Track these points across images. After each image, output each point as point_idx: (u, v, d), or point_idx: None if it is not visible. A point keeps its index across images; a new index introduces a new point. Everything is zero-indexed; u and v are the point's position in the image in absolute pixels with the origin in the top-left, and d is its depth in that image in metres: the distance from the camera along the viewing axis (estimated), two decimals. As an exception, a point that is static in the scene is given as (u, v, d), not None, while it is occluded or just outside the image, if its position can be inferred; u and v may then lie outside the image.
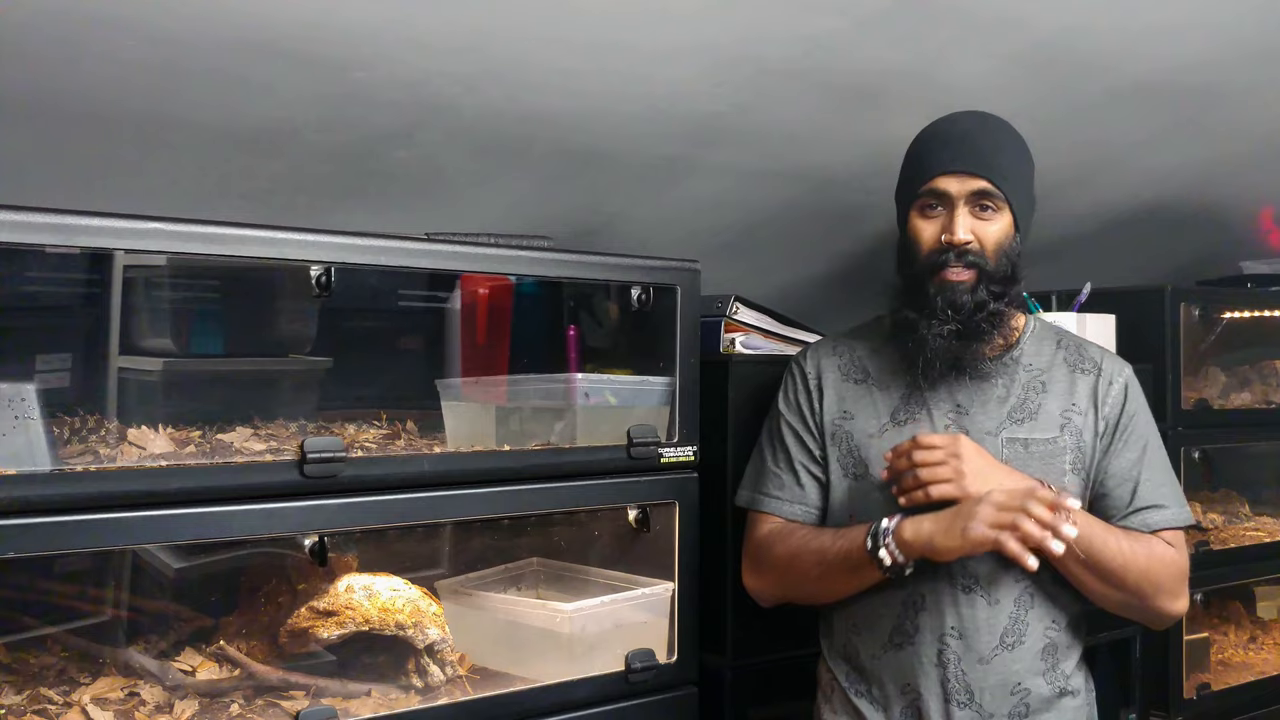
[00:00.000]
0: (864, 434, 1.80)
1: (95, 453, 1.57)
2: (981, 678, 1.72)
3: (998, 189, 1.73)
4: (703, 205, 2.48)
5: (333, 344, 1.97)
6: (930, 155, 1.77)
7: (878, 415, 1.80)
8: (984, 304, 1.73)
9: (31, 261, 1.56)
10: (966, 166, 1.73)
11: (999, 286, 1.74)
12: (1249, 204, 3.24)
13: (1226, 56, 2.37)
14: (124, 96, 1.74)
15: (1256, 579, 3.10)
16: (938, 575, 1.72)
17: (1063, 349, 1.85)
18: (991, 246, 1.74)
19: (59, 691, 1.60)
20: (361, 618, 1.74)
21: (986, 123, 1.79)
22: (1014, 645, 1.73)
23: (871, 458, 1.78)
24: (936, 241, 1.74)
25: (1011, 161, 1.77)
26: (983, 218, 1.74)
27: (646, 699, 1.94)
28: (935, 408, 1.78)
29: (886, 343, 1.85)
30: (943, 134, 1.79)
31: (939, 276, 1.73)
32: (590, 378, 2.00)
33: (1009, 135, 1.80)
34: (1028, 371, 1.81)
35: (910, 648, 1.74)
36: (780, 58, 2.06)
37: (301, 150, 1.97)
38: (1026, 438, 1.76)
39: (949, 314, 1.72)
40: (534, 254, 1.89)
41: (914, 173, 1.79)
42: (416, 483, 1.73)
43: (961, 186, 1.73)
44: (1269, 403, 3.07)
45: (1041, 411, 1.78)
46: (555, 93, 2.00)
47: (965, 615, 1.72)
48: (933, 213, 1.76)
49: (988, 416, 1.77)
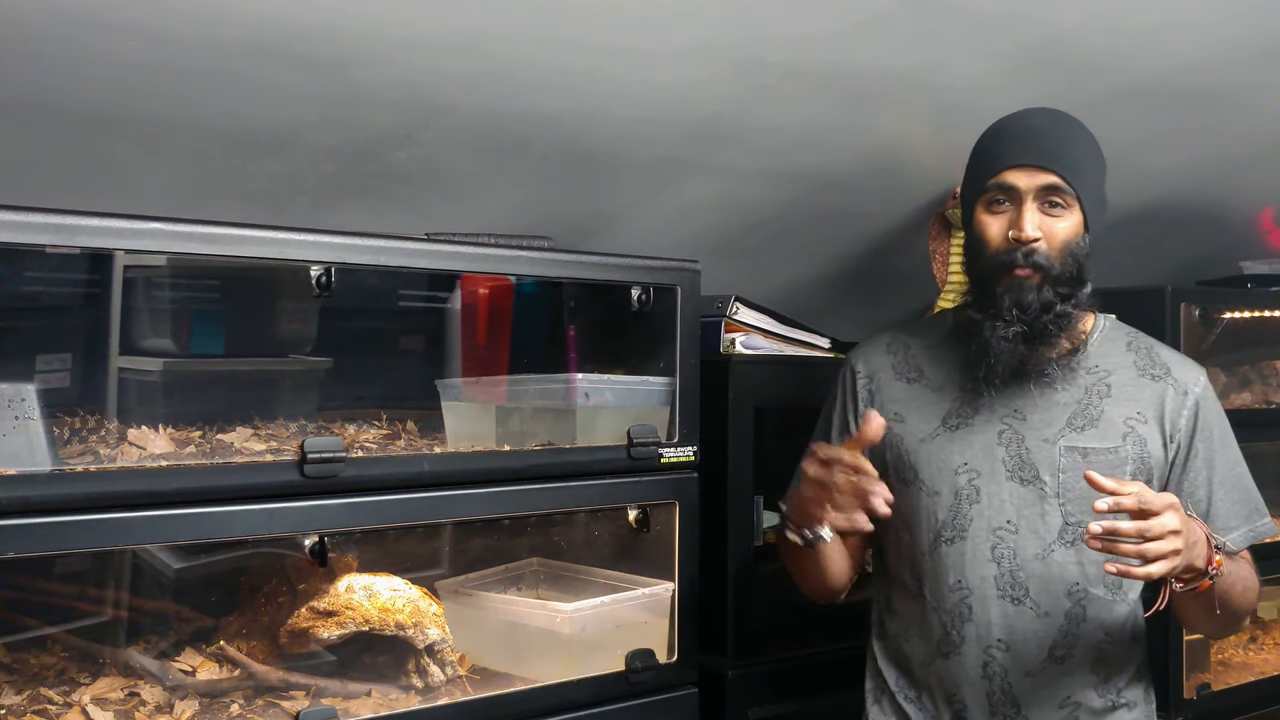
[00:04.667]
0: (915, 438, 1.74)
1: (95, 453, 1.57)
2: (1029, 690, 1.67)
3: (1068, 184, 1.65)
4: (703, 205, 2.48)
5: (333, 344, 1.97)
6: (999, 148, 1.69)
7: (929, 418, 1.74)
8: (1050, 305, 1.65)
9: (31, 261, 1.56)
10: (1036, 160, 1.65)
11: (1066, 288, 1.66)
12: (1249, 204, 3.24)
13: (1226, 57, 2.37)
14: (124, 96, 1.74)
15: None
16: (985, 586, 1.67)
17: (1133, 351, 1.78)
18: (1059, 245, 1.66)
19: (59, 691, 1.60)
20: (361, 618, 1.74)
21: (1059, 117, 1.72)
22: (1063, 658, 1.67)
23: (921, 462, 1.72)
24: (1004, 238, 1.67)
25: (1084, 157, 1.70)
26: (1052, 214, 1.66)
27: (646, 699, 1.94)
28: (991, 412, 1.71)
29: (945, 340, 1.79)
30: (1012, 127, 1.72)
31: (1007, 275, 1.66)
32: (590, 378, 2.00)
33: (1081, 131, 1.72)
34: (1091, 374, 1.74)
35: (956, 657, 1.69)
36: (780, 58, 2.05)
37: (301, 150, 1.96)
38: (1086, 447, 1.68)
39: (1015, 314, 1.64)
40: (534, 254, 1.89)
41: (981, 166, 1.71)
42: (416, 483, 1.73)
43: (1030, 181, 1.65)
44: (1269, 403, 3.07)
45: (1103, 418, 1.71)
46: (555, 93, 2.00)
47: (1013, 627, 1.67)
48: (1000, 208, 1.68)
49: (1046, 423, 1.70)
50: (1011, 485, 1.68)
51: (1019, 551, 1.67)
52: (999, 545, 1.67)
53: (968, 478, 1.70)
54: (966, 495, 1.69)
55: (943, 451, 1.71)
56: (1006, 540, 1.67)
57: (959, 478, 1.70)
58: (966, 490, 1.69)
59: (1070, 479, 1.67)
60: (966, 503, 1.69)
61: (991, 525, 1.68)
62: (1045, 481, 1.68)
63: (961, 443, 1.71)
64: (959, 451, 1.71)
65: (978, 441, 1.71)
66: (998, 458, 1.70)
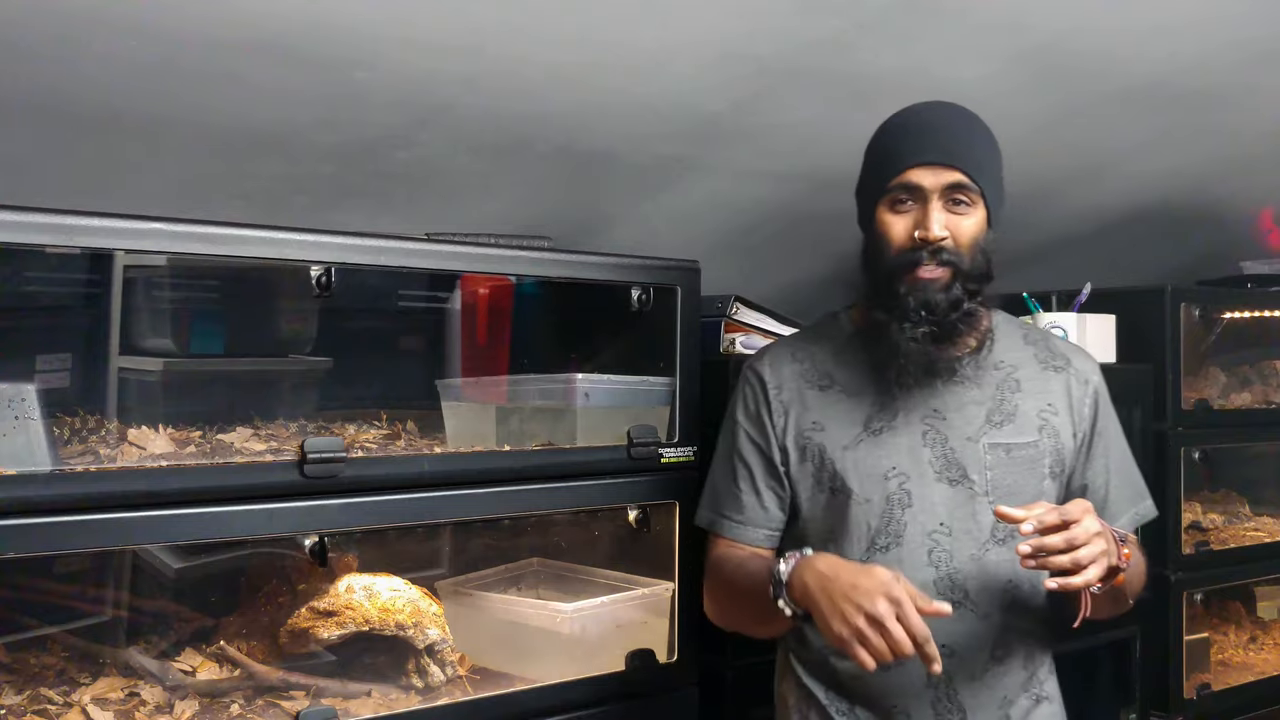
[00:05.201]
0: (838, 445, 1.67)
1: (95, 453, 1.57)
2: (973, 694, 1.64)
3: (973, 181, 1.63)
4: (703, 205, 2.48)
5: (333, 344, 1.97)
6: (899, 146, 1.65)
7: (850, 425, 1.68)
8: (959, 303, 1.63)
9: (31, 261, 1.56)
10: (940, 158, 1.62)
11: (975, 284, 1.64)
12: (1249, 204, 3.24)
13: (1226, 58, 2.37)
14: (124, 96, 1.74)
15: (1256, 579, 3.10)
16: (926, 591, 1.59)
17: (1031, 344, 1.77)
18: (967, 242, 1.63)
19: (59, 691, 1.60)
20: (361, 618, 1.74)
21: (958, 113, 1.70)
22: (1003, 658, 1.66)
23: (847, 470, 1.67)
24: (909, 238, 1.63)
25: (985, 153, 1.68)
26: (957, 212, 1.63)
27: (646, 699, 1.94)
28: (911, 413, 1.68)
29: (848, 344, 1.75)
30: (913, 124, 1.68)
31: (911, 275, 1.63)
32: (590, 378, 2.00)
33: (980, 126, 1.70)
34: (999, 370, 1.72)
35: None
36: (780, 58, 2.05)
37: (301, 150, 1.97)
38: (1008, 443, 1.67)
39: (922, 315, 1.61)
40: (534, 254, 1.89)
41: (882, 165, 1.66)
42: (416, 483, 1.73)
43: (935, 179, 1.62)
44: (1269, 403, 3.07)
45: (1019, 413, 1.69)
46: (555, 93, 2.00)
47: (956, 631, 1.63)
48: (904, 207, 1.64)
49: (966, 421, 1.68)
50: (941, 486, 1.66)
51: (955, 554, 1.64)
52: (935, 549, 1.64)
53: (898, 482, 1.66)
54: (898, 500, 1.65)
55: (869, 457, 1.66)
56: (942, 544, 1.64)
57: (889, 483, 1.65)
58: (898, 495, 1.65)
59: (997, 476, 1.66)
60: (899, 508, 1.65)
61: (926, 529, 1.64)
62: (973, 480, 1.66)
63: (887, 446, 1.67)
64: (886, 456, 1.66)
65: (903, 444, 1.67)
66: (924, 459, 1.66)
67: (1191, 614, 2.81)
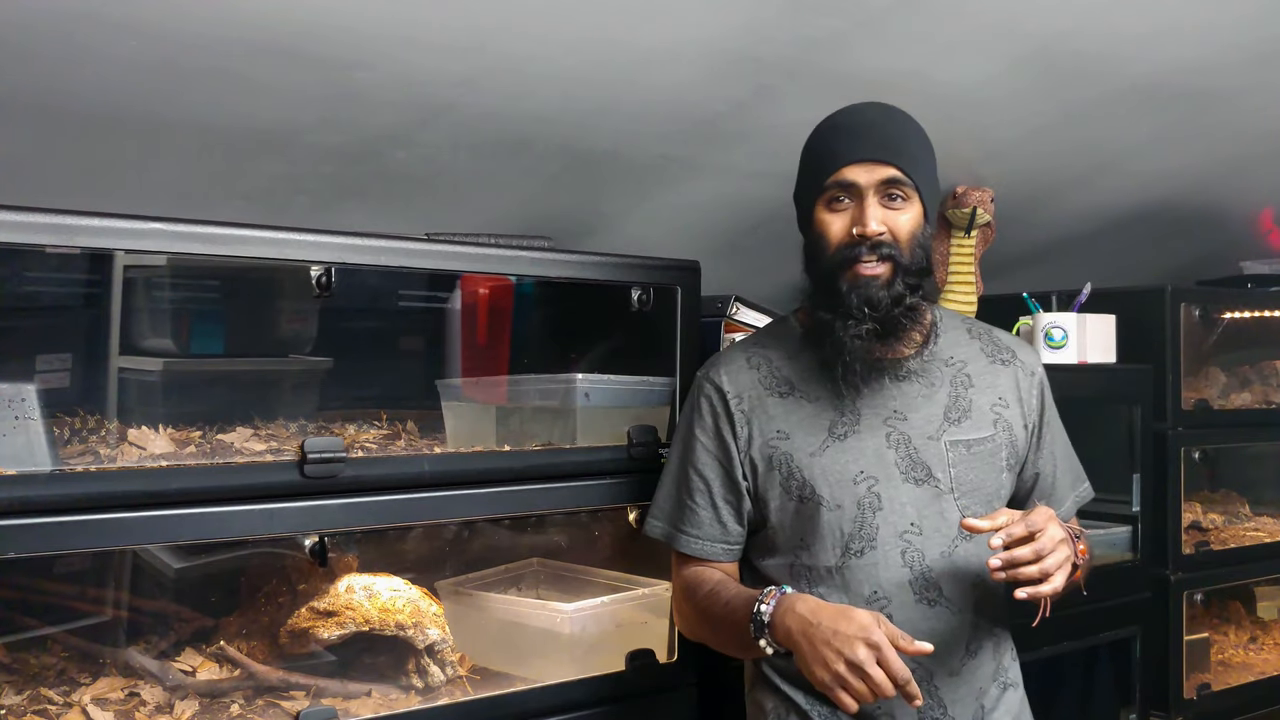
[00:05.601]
0: (805, 453, 1.67)
1: (95, 453, 1.57)
2: (952, 689, 1.66)
3: (908, 177, 1.64)
4: (703, 205, 2.48)
5: (333, 344, 1.97)
6: (835, 146, 1.67)
7: (815, 431, 1.68)
8: (901, 298, 1.64)
9: (31, 261, 1.56)
10: (874, 154, 1.64)
11: (914, 279, 1.66)
12: (1249, 204, 3.24)
13: (1226, 58, 2.37)
14: (124, 96, 1.74)
15: (1256, 579, 3.10)
16: (903, 592, 1.64)
17: (976, 338, 1.79)
18: (905, 236, 1.65)
19: (59, 691, 1.60)
20: (361, 618, 1.74)
21: (890, 111, 1.72)
22: (976, 651, 1.69)
23: (816, 477, 1.66)
24: (847, 234, 1.64)
25: (918, 149, 1.70)
26: (893, 207, 1.65)
27: (646, 699, 1.94)
28: (874, 416, 1.69)
29: (803, 348, 1.74)
30: (845, 124, 1.69)
31: (851, 271, 1.63)
32: (590, 378, 2.00)
33: (913, 124, 1.72)
34: (950, 366, 1.73)
35: None
36: (780, 58, 2.05)
37: (301, 150, 1.97)
38: (968, 439, 1.69)
39: (865, 312, 1.63)
40: (534, 254, 1.89)
41: (818, 165, 1.68)
42: (417, 483, 1.73)
43: (870, 176, 1.64)
44: (1269, 403, 3.07)
45: (974, 408, 1.71)
46: (555, 92, 2.00)
47: (934, 630, 1.64)
48: (840, 205, 1.65)
49: (926, 420, 1.69)
50: (908, 487, 1.67)
51: (926, 553, 1.65)
52: (908, 550, 1.65)
53: (867, 485, 1.66)
54: (869, 504, 1.66)
55: (837, 463, 1.67)
56: (914, 544, 1.66)
57: (858, 487, 1.66)
58: (868, 499, 1.66)
59: (961, 473, 1.68)
60: (870, 511, 1.66)
61: (897, 530, 1.65)
62: (939, 479, 1.67)
63: (853, 451, 1.67)
64: (853, 460, 1.67)
65: (868, 447, 1.68)
66: (890, 460, 1.67)
67: (1191, 614, 2.80)
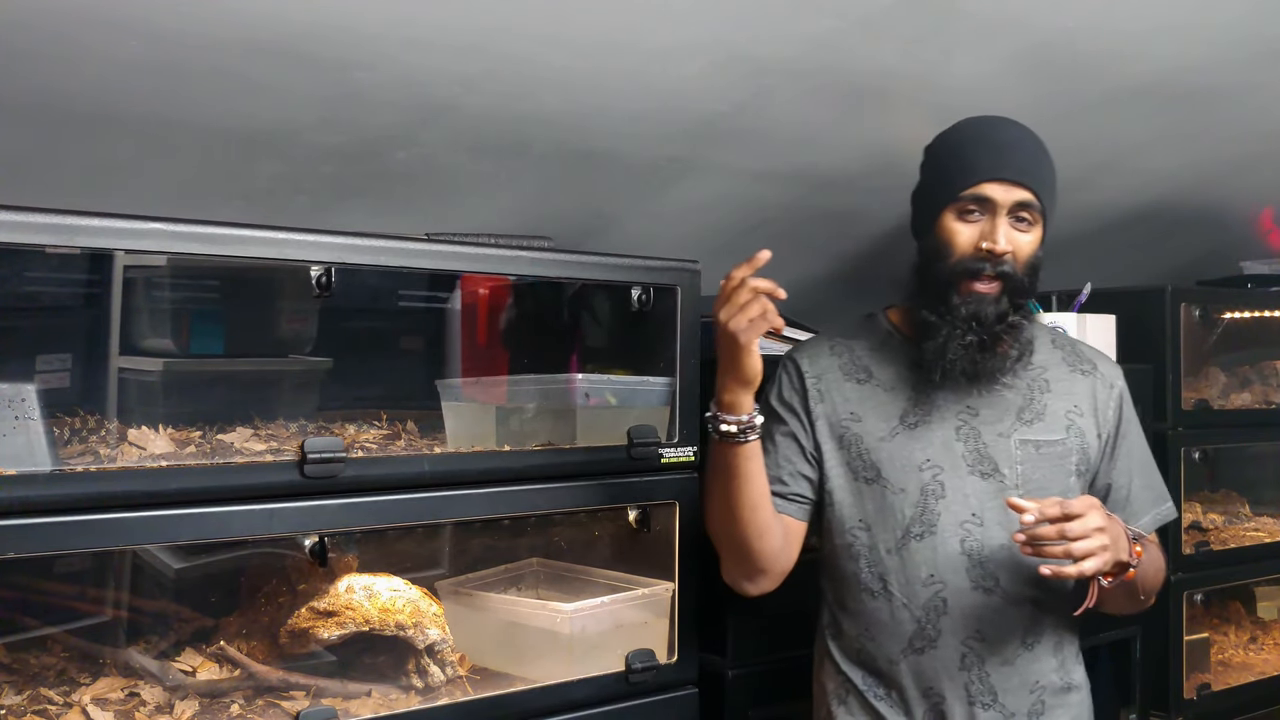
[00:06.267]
0: (874, 437, 1.78)
1: (95, 453, 1.57)
2: (1005, 678, 1.73)
3: (1039, 200, 1.73)
4: (703, 205, 2.48)
5: (333, 344, 1.97)
6: (976, 159, 1.73)
7: (887, 417, 1.78)
8: (1005, 315, 1.72)
9: (31, 261, 1.56)
10: (1015, 176, 1.71)
11: (1020, 298, 1.74)
12: (1249, 204, 3.24)
13: (1226, 57, 2.37)
14: (124, 96, 1.74)
15: (1256, 579, 3.10)
16: (958, 578, 1.72)
17: (1059, 348, 1.88)
18: (1024, 258, 1.73)
19: (59, 692, 1.60)
20: (361, 618, 1.74)
21: (1029, 134, 1.78)
22: (1033, 645, 1.75)
23: (883, 461, 1.76)
24: (973, 247, 1.71)
25: (1049, 174, 1.77)
26: (1019, 229, 1.73)
27: (646, 699, 1.93)
28: (946, 409, 1.78)
29: (886, 342, 1.85)
30: (988, 139, 1.76)
31: (967, 285, 1.71)
32: (590, 378, 2.00)
33: (1045, 149, 1.79)
34: (1030, 371, 1.82)
35: (933, 651, 1.74)
36: (780, 58, 2.05)
37: (301, 150, 1.96)
38: (1037, 439, 1.77)
39: (972, 325, 1.71)
40: (534, 254, 1.89)
41: (955, 173, 1.74)
42: (417, 483, 1.73)
43: (1007, 195, 1.71)
44: (1269, 403, 3.07)
45: (1048, 412, 1.79)
46: (556, 93, 2.00)
47: (988, 618, 1.72)
48: (972, 218, 1.72)
49: (999, 418, 1.78)
50: (973, 479, 1.75)
51: (986, 543, 1.73)
52: (967, 538, 1.73)
53: (932, 473, 1.75)
54: (932, 491, 1.74)
55: (904, 449, 1.76)
56: (973, 533, 1.73)
57: (923, 474, 1.75)
58: (931, 486, 1.74)
59: (1027, 471, 1.75)
60: (932, 498, 1.74)
61: (958, 519, 1.73)
62: (1004, 474, 1.75)
63: (922, 440, 1.76)
64: (921, 449, 1.76)
65: (937, 438, 1.76)
66: (957, 453, 1.76)
67: (1191, 614, 2.81)
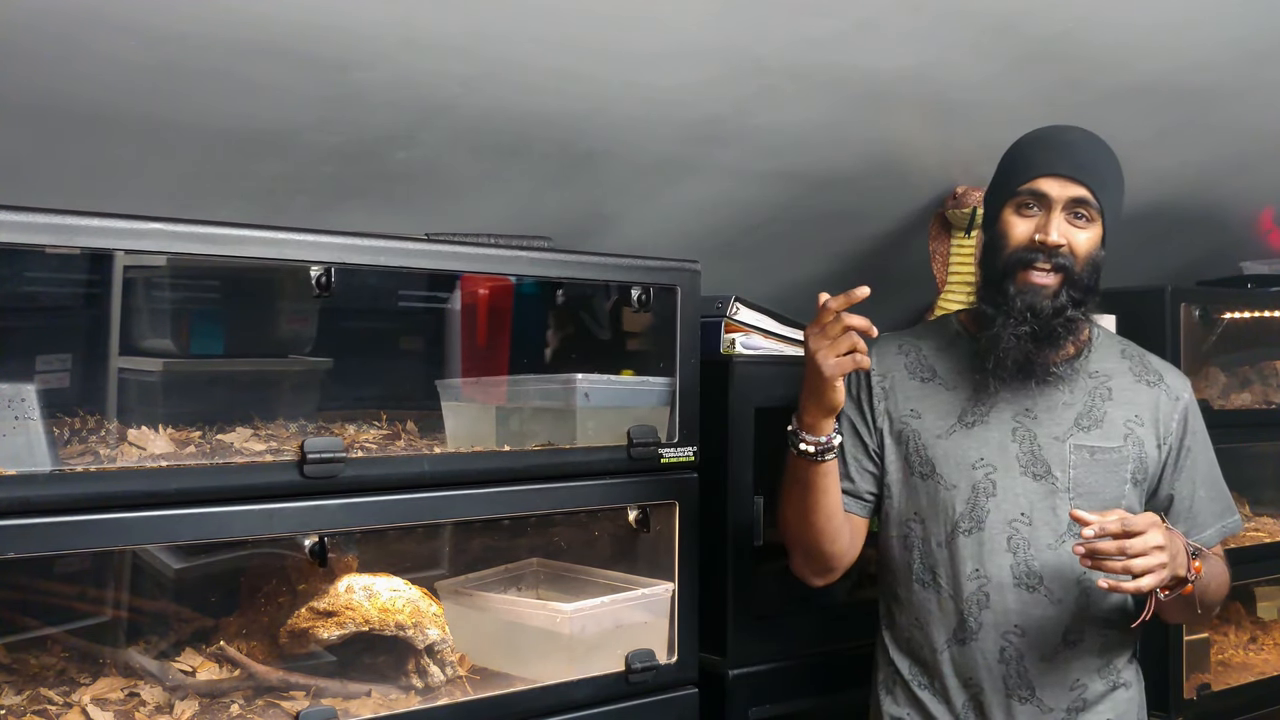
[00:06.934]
0: (931, 434, 1.81)
1: (95, 453, 1.57)
2: (1043, 673, 1.76)
3: (1095, 198, 1.75)
4: (703, 205, 2.48)
5: (333, 344, 1.97)
6: (1033, 156, 1.78)
7: (945, 415, 1.82)
8: (1063, 309, 1.74)
9: (31, 261, 1.56)
10: (1069, 171, 1.75)
11: (1080, 294, 1.76)
12: (1249, 204, 3.24)
13: (1226, 57, 2.37)
14: (124, 96, 1.74)
15: (1256, 579, 3.09)
16: (1002, 574, 1.76)
17: (1127, 358, 1.89)
18: (1081, 253, 1.76)
19: (59, 692, 1.60)
20: (361, 618, 1.74)
21: (1091, 136, 1.82)
22: (1075, 643, 1.77)
23: (938, 457, 1.80)
24: (1028, 239, 1.76)
25: (1110, 176, 1.80)
26: (1076, 225, 1.76)
27: (646, 699, 1.94)
28: (1004, 410, 1.80)
29: (953, 342, 1.88)
30: (1047, 139, 1.81)
31: (1022, 276, 1.75)
32: (590, 378, 2.00)
33: (1110, 152, 1.82)
34: (1093, 378, 1.84)
35: (974, 643, 1.77)
36: (780, 58, 2.05)
37: (301, 150, 1.96)
38: (1093, 445, 1.79)
39: (1027, 315, 1.73)
40: (534, 254, 1.89)
41: (1013, 172, 1.80)
42: (417, 483, 1.73)
43: (1061, 190, 1.75)
44: (1269, 403, 3.07)
45: (1107, 420, 1.81)
46: (555, 93, 2.00)
47: (1029, 614, 1.76)
48: (1028, 212, 1.77)
49: (1055, 422, 1.80)
50: (1025, 480, 1.78)
51: (1033, 542, 1.76)
52: (1014, 536, 1.76)
53: (984, 472, 1.78)
54: (983, 489, 1.78)
55: (959, 447, 1.80)
56: (1021, 532, 1.76)
57: (976, 472, 1.78)
58: (983, 484, 1.78)
59: (1080, 475, 1.78)
60: (983, 496, 1.77)
61: (1007, 518, 1.77)
62: (1056, 477, 1.78)
63: (978, 439, 1.79)
64: (975, 447, 1.79)
65: (993, 438, 1.80)
66: (1012, 454, 1.79)
67: (1191, 614, 2.80)
